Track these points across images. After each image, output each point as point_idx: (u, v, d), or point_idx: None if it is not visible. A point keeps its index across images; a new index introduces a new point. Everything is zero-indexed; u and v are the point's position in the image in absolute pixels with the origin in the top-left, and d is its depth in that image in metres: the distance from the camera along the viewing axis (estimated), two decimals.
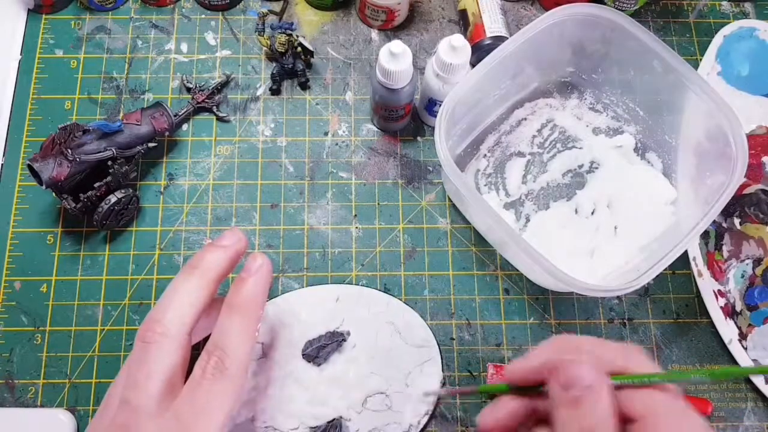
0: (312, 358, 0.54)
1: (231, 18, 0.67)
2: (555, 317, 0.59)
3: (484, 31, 0.62)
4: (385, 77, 0.55)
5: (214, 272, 0.43)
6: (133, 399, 0.38)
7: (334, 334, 0.55)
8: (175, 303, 0.41)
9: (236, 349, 0.41)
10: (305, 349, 0.54)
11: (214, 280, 0.43)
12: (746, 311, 0.58)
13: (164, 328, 0.40)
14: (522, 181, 0.62)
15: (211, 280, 0.43)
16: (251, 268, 0.44)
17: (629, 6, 0.65)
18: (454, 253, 0.60)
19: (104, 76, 0.64)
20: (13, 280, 0.58)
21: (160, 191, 0.61)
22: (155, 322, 0.40)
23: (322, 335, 0.55)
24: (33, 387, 0.55)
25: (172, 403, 0.39)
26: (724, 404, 0.57)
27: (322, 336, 0.55)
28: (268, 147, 0.63)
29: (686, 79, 0.54)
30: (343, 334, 0.55)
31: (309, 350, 0.54)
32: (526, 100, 0.64)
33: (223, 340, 0.41)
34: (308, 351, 0.54)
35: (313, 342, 0.54)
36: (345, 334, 0.55)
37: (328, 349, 0.54)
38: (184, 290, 0.42)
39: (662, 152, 0.61)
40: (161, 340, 0.39)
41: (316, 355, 0.54)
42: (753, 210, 0.60)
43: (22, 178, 0.61)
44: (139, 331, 0.40)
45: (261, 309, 0.44)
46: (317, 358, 0.54)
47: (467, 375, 0.57)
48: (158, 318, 0.40)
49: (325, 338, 0.54)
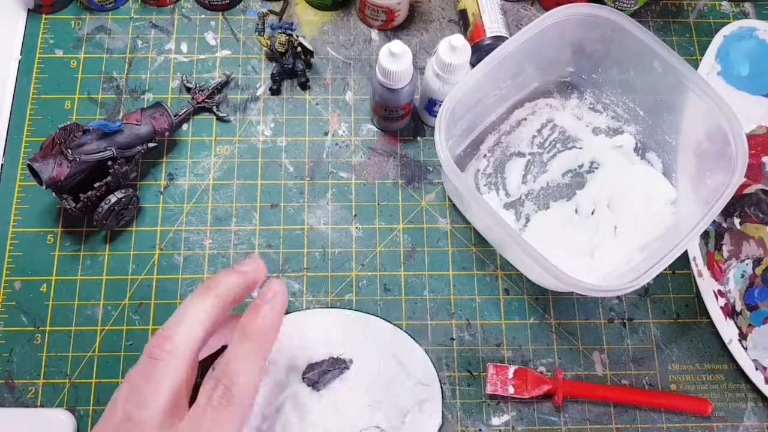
0: (313, 382, 0.53)
1: (231, 18, 0.67)
2: (555, 317, 0.59)
3: (484, 31, 0.62)
4: (385, 77, 0.55)
5: (229, 296, 0.42)
6: (138, 414, 0.38)
7: (337, 361, 0.54)
8: (186, 322, 0.40)
9: (245, 378, 0.40)
10: (306, 373, 0.54)
11: (227, 304, 0.42)
12: (746, 311, 0.58)
13: (173, 346, 0.39)
14: (522, 181, 0.62)
15: (224, 304, 0.42)
16: (267, 296, 0.43)
17: (629, 6, 0.65)
18: (454, 253, 0.60)
19: (104, 76, 0.64)
20: (13, 280, 0.58)
21: (160, 191, 0.61)
22: (165, 338, 0.40)
23: (325, 360, 0.54)
24: (33, 387, 0.55)
25: (177, 426, 0.38)
26: (724, 404, 0.57)
27: (325, 361, 0.54)
28: (268, 147, 0.63)
29: (686, 79, 0.54)
30: (345, 361, 0.54)
31: (310, 374, 0.54)
32: (526, 100, 0.64)
33: (233, 367, 0.40)
34: (309, 375, 0.54)
35: (315, 366, 0.54)
36: (348, 361, 0.55)
37: (329, 376, 0.54)
38: (196, 310, 0.41)
39: (662, 152, 0.61)
40: (169, 358, 0.39)
41: (317, 380, 0.53)
42: (753, 210, 0.60)
43: (22, 178, 0.61)
44: (147, 346, 0.40)
45: (274, 338, 0.43)
46: (317, 383, 0.53)
47: (467, 375, 0.57)
48: (169, 335, 0.40)
49: (327, 363, 0.54)
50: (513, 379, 0.55)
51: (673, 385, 0.57)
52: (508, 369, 0.56)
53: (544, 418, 0.56)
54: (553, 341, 0.58)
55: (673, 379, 0.57)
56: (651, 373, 0.57)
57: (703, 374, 0.58)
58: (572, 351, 0.58)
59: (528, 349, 0.58)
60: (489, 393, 0.55)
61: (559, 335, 0.58)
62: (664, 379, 0.57)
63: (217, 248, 0.59)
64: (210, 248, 0.59)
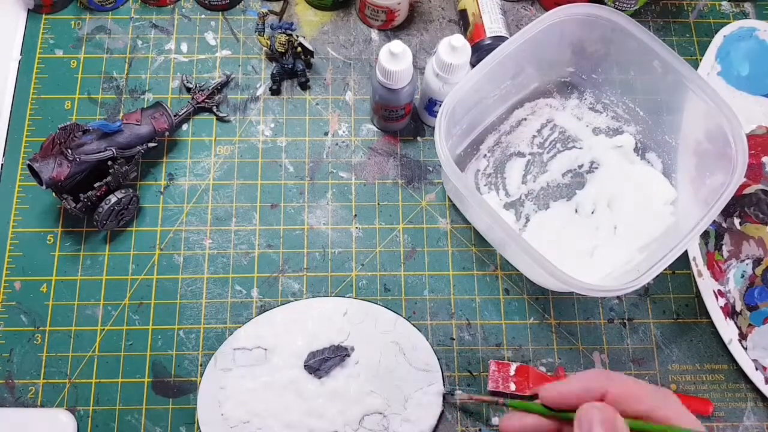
0: (314, 370, 0.54)
1: (231, 18, 0.67)
2: (555, 317, 0.59)
3: (484, 31, 0.62)
4: (385, 77, 0.55)
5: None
6: None
7: (338, 348, 0.55)
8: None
9: None
10: (308, 360, 0.54)
11: None
12: (746, 311, 0.58)
13: None
14: (522, 181, 0.62)
15: None
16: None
17: (629, 6, 0.65)
18: (454, 253, 0.60)
19: (104, 76, 0.64)
20: (13, 280, 0.58)
21: (160, 191, 0.61)
22: None
23: (326, 348, 0.55)
24: (33, 387, 0.55)
25: None
26: (724, 404, 0.57)
27: (325, 349, 0.55)
28: (268, 147, 0.63)
29: (686, 80, 0.54)
30: (347, 348, 0.55)
31: (311, 362, 0.54)
32: (526, 100, 0.64)
33: None
34: (311, 362, 0.54)
35: (316, 354, 0.54)
36: (349, 349, 0.55)
37: (330, 363, 0.54)
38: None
39: (662, 152, 0.61)
40: None
41: (317, 368, 0.54)
42: (753, 210, 0.60)
43: (22, 178, 0.61)
44: None
45: None
46: (318, 370, 0.54)
47: (467, 375, 0.57)
48: None
49: (328, 351, 0.54)
50: (514, 376, 0.55)
51: (673, 385, 0.57)
52: (509, 366, 0.56)
53: None
54: (553, 341, 0.58)
55: (673, 379, 0.57)
56: (651, 373, 0.57)
57: (703, 374, 0.58)
58: (572, 351, 0.58)
59: (528, 349, 0.58)
60: (490, 390, 0.55)
61: (559, 335, 0.58)
62: (664, 379, 0.57)
63: (217, 248, 0.59)
64: (210, 248, 0.59)
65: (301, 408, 0.53)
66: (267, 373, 0.54)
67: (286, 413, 0.53)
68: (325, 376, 0.54)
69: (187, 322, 0.57)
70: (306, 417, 0.53)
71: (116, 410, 0.55)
